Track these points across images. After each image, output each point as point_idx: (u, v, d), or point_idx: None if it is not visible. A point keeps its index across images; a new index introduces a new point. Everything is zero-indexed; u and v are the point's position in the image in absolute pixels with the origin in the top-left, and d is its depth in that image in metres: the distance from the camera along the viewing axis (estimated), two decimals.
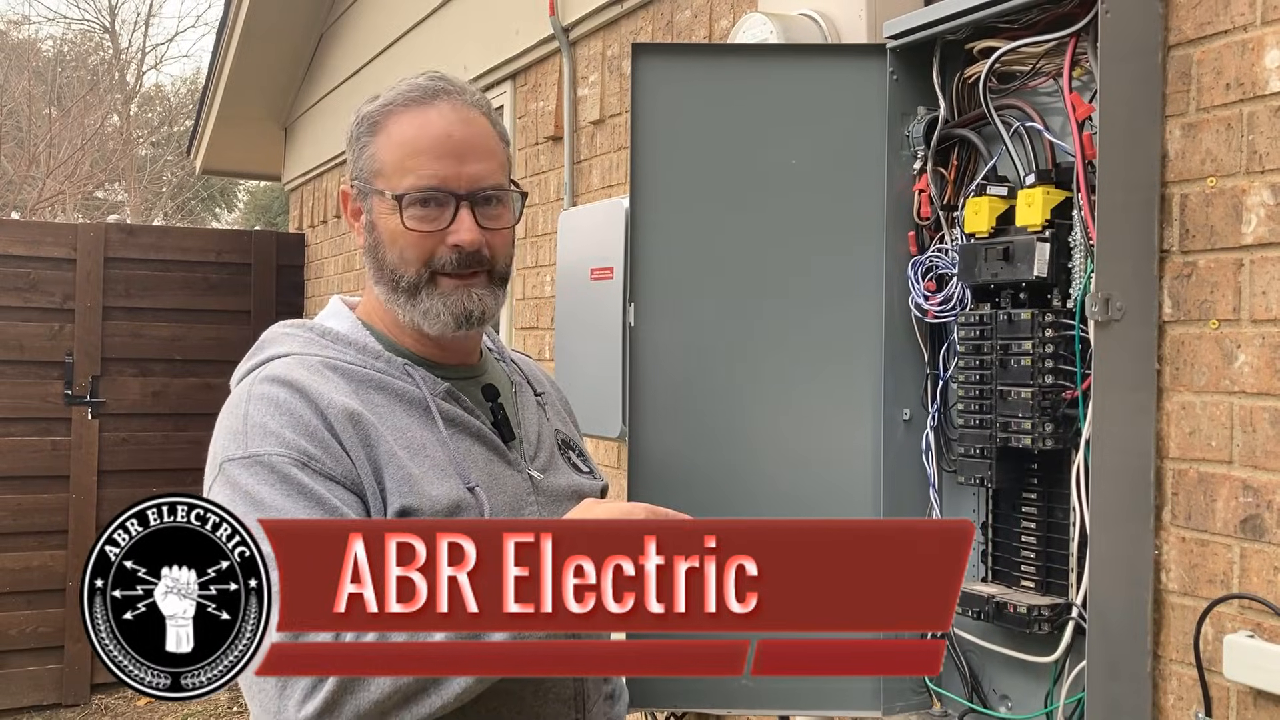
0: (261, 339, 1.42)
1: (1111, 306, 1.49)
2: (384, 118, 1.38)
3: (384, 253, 1.37)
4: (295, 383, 1.27)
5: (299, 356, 1.34)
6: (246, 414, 1.26)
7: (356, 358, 1.36)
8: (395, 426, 1.31)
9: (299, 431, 1.23)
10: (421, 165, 1.35)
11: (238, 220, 19.96)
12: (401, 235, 1.35)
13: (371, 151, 1.38)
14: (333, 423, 1.25)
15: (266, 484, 1.20)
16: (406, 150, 1.36)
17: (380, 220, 1.37)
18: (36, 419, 5.86)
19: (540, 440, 1.50)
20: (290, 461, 1.21)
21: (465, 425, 1.38)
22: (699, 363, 1.83)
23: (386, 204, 1.36)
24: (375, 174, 1.37)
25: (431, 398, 1.36)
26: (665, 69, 1.81)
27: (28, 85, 16.14)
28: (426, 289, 1.36)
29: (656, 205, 1.81)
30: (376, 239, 1.38)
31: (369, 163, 1.38)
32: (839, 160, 1.81)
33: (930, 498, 1.81)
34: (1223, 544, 1.50)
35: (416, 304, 1.37)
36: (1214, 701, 1.49)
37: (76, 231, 6.08)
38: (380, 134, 1.38)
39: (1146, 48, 1.55)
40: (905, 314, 1.82)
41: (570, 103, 3.41)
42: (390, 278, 1.37)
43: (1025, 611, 1.60)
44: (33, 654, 5.82)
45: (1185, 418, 1.54)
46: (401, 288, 1.37)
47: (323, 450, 1.23)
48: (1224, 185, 1.49)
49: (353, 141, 1.42)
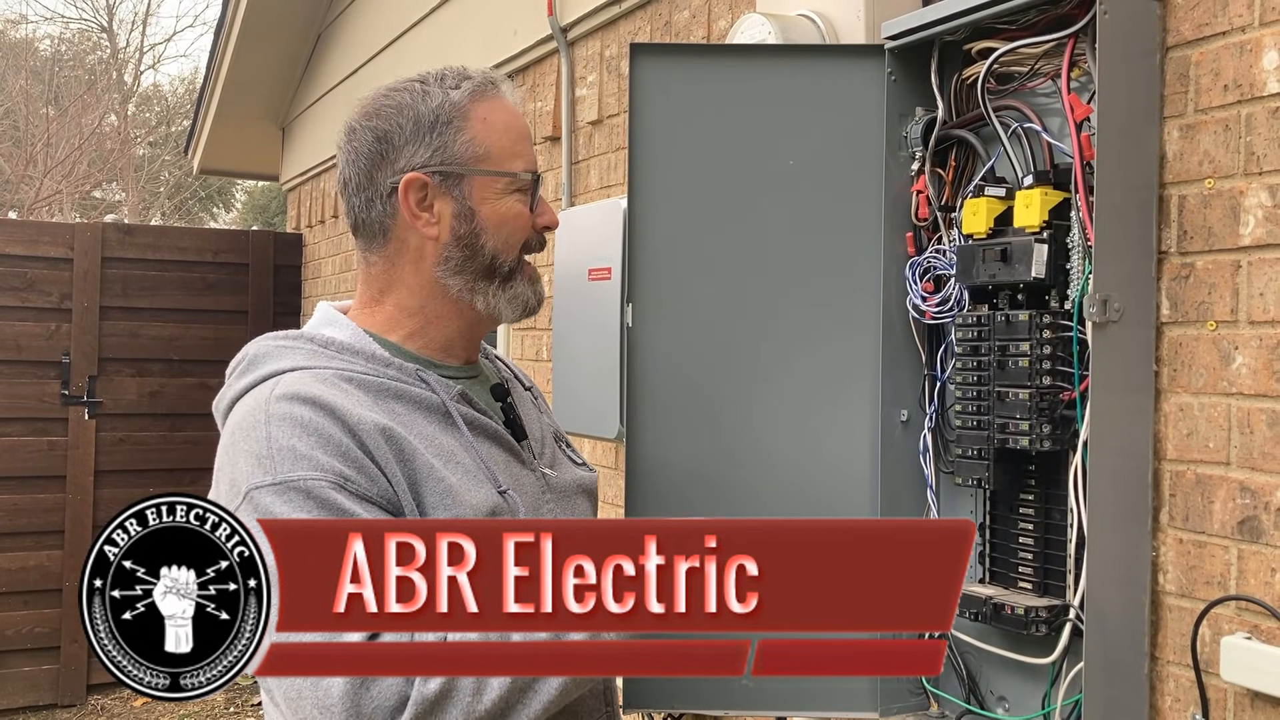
0: (251, 355, 1.33)
1: (1109, 308, 1.49)
2: (474, 104, 1.37)
3: (485, 239, 1.36)
4: (318, 399, 1.21)
5: (308, 371, 1.27)
6: (270, 436, 1.18)
7: (367, 367, 1.30)
8: (423, 435, 1.27)
9: (331, 452, 1.17)
10: (525, 149, 1.40)
11: (235, 220, 19.95)
12: (513, 218, 1.37)
13: (470, 136, 1.35)
14: (365, 440, 1.20)
15: (304, 511, 1.14)
16: (513, 135, 1.39)
17: (484, 205, 1.36)
18: (33, 419, 5.86)
19: (543, 437, 1.49)
20: (328, 485, 1.15)
21: (484, 428, 1.36)
22: (697, 363, 1.82)
23: (496, 187, 1.36)
24: (480, 158, 1.35)
25: (450, 402, 1.33)
26: (663, 69, 1.81)
27: (25, 84, 16.14)
28: (519, 274, 1.39)
29: (655, 205, 1.81)
30: (477, 225, 1.35)
31: (468, 148, 1.35)
32: (837, 161, 1.81)
33: (928, 499, 1.81)
34: (1220, 545, 1.50)
35: (507, 289, 1.38)
36: (1211, 703, 1.49)
37: (73, 231, 6.07)
38: (474, 119, 1.36)
39: (1145, 49, 1.55)
40: (903, 315, 1.81)
41: (568, 103, 3.41)
42: (488, 265, 1.37)
43: (1023, 613, 1.60)
44: (29, 654, 5.81)
45: (1183, 419, 1.54)
46: (500, 274, 1.37)
47: (358, 471, 1.18)
48: (1222, 187, 1.49)
49: (437, 126, 1.35)
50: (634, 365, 1.81)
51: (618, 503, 2.99)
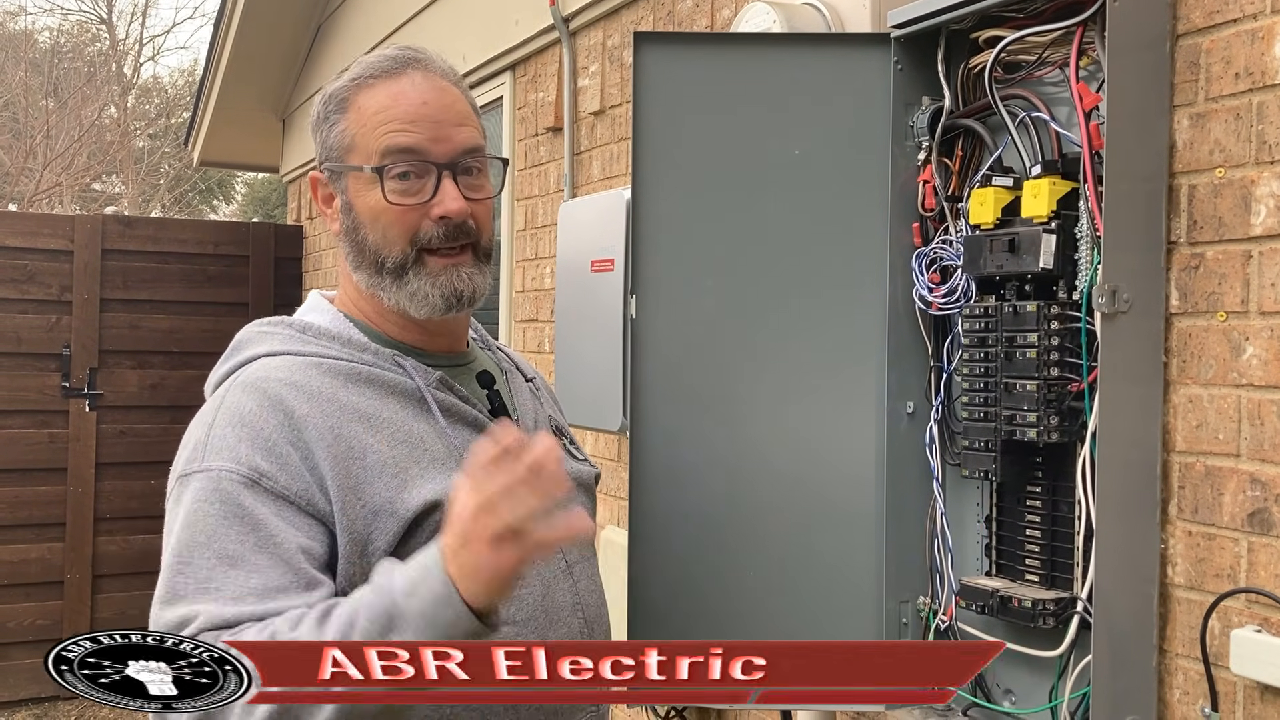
0: (237, 339, 1.36)
1: (1118, 298, 1.48)
2: (353, 92, 1.33)
3: (364, 234, 1.32)
4: (269, 391, 1.22)
5: (281, 356, 1.28)
6: (213, 423, 1.21)
7: (342, 352, 1.30)
8: (391, 422, 1.26)
9: (255, 446, 1.17)
10: (398, 135, 1.29)
11: (235, 213, 19.92)
12: (384, 211, 1.30)
13: (342, 128, 1.33)
14: (304, 436, 1.19)
15: (204, 501, 1.15)
16: (380, 121, 1.30)
17: (358, 199, 1.32)
18: (34, 411, 5.84)
19: (537, 427, 1.47)
20: (237, 479, 1.16)
21: (462, 415, 1.34)
22: (701, 355, 1.81)
23: (364, 180, 1.31)
24: (348, 150, 1.32)
25: (426, 388, 1.31)
26: (667, 58, 1.79)
27: (24, 77, 16.10)
28: (414, 269, 1.31)
29: (658, 195, 1.80)
30: (355, 220, 1.33)
31: (340, 140, 1.33)
32: (843, 151, 1.80)
33: (933, 491, 1.80)
34: (1230, 538, 1.48)
35: (403, 286, 1.31)
36: (1220, 696, 1.48)
37: (73, 223, 6.05)
38: (351, 109, 1.33)
39: (1155, 37, 1.54)
40: (909, 306, 1.80)
41: (570, 93, 3.39)
42: (372, 260, 1.32)
43: (1030, 605, 1.58)
44: (30, 646, 5.80)
45: (1192, 410, 1.53)
46: (386, 270, 1.31)
47: (279, 467, 1.17)
48: (1233, 176, 1.48)
49: (320, 122, 1.36)
50: (637, 357, 1.79)
51: (621, 495, 2.98)
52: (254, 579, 1.11)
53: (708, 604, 1.77)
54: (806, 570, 1.79)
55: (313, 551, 1.17)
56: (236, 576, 1.12)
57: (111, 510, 5.95)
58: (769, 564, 1.79)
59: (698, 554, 1.78)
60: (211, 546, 1.13)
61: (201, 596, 1.10)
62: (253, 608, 1.10)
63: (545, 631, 1.31)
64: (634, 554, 1.76)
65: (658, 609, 1.75)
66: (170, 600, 1.12)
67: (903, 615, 1.80)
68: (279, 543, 1.14)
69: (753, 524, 1.79)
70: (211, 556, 1.12)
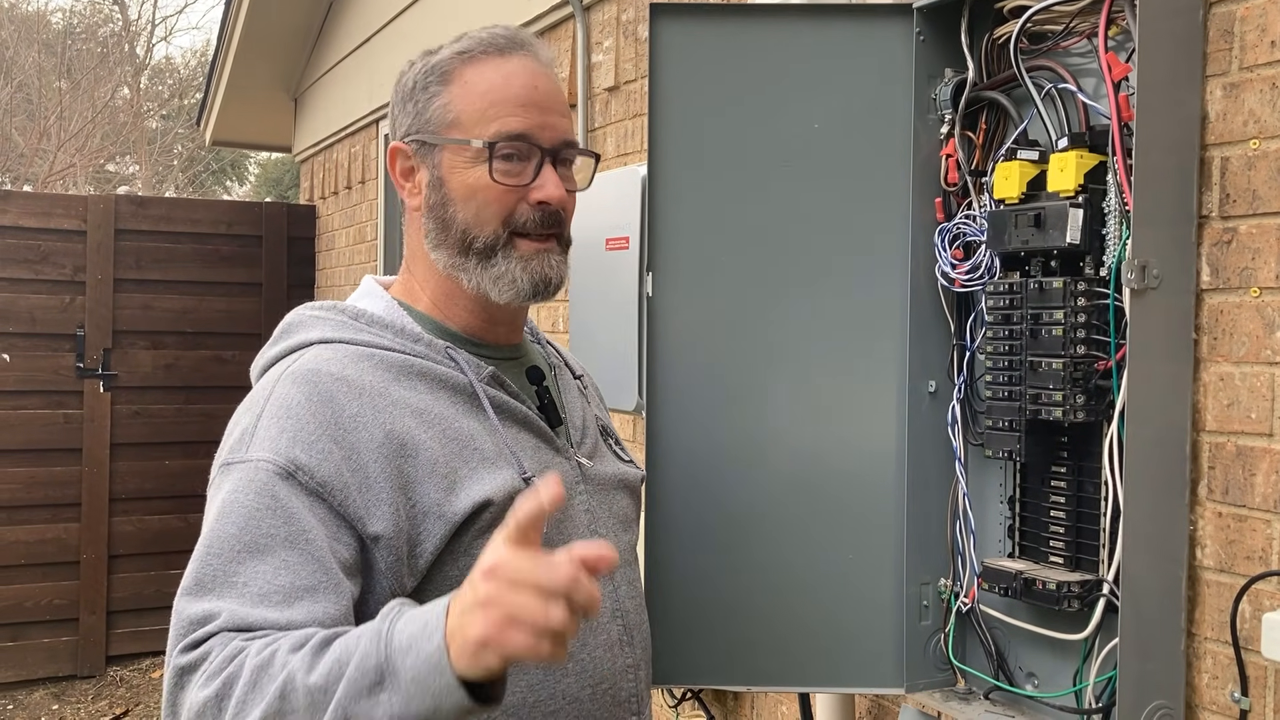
0: (287, 322, 1.33)
1: (1148, 274, 1.44)
2: (460, 66, 1.30)
3: (453, 211, 1.29)
4: (320, 386, 1.18)
5: (333, 345, 1.25)
6: (261, 413, 1.18)
7: (394, 342, 1.27)
8: (442, 418, 1.23)
9: (297, 440, 1.15)
10: (509, 114, 1.27)
11: (249, 194, 19.94)
12: (483, 189, 1.27)
13: (444, 101, 1.29)
14: (351, 434, 1.16)
15: (243, 492, 1.12)
16: (492, 99, 1.28)
17: (453, 175, 1.29)
18: (48, 392, 5.86)
19: (585, 426, 1.44)
20: (273, 469, 1.13)
21: (512, 411, 1.31)
22: (718, 332, 1.78)
23: (466, 155, 1.28)
24: (450, 125, 1.29)
25: (478, 383, 1.28)
26: (684, 30, 1.75)
27: (38, 58, 16.09)
28: (503, 251, 1.29)
29: (675, 171, 1.76)
30: (445, 196, 1.30)
31: (440, 113, 1.29)
32: (864, 124, 1.76)
33: (955, 471, 1.77)
34: (1261, 519, 1.45)
35: (489, 268, 1.29)
36: (1250, 681, 1.45)
37: (86, 203, 6.05)
38: (455, 83, 1.29)
39: (1187, 4, 1.49)
40: (931, 283, 1.76)
41: (584, 69, 3.35)
42: (460, 239, 1.29)
43: (1055, 588, 1.55)
44: (47, 626, 5.84)
45: (1224, 389, 1.49)
46: (474, 250, 1.29)
47: (318, 462, 1.14)
48: (1268, 148, 1.44)
49: (417, 92, 1.32)
50: (654, 335, 1.76)
51: None
52: (282, 575, 1.08)
53: (726, 582, 1.75)
54: (825, 551, 1.76)
55: (339, 554, 1.14)
56: (264, 571, 1.08)
57: (126, 490, 5.97)
58: (787, 544, 1.76)
59: (715, 533, 1.76)
60: (242, 538, 1.10)
61: (227, 591, 1.07)
62: (276, 614, 1.06)
63: (583, 638, 1.28)
64: (651, 533, 1.73)
65: (675, 587, 1.73)
66: (196, 591, 1.08)
67: (924, 597, 1.77)
68: (311, 538, 1.11)
69: (771, 503, 1.76)
70: (240, 547, 1.10)
